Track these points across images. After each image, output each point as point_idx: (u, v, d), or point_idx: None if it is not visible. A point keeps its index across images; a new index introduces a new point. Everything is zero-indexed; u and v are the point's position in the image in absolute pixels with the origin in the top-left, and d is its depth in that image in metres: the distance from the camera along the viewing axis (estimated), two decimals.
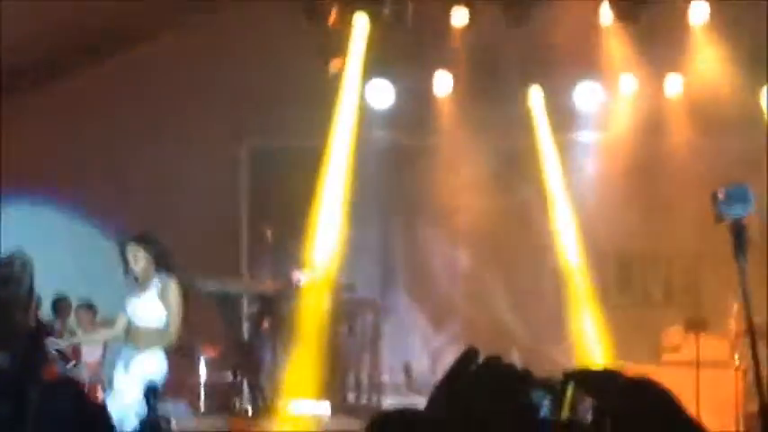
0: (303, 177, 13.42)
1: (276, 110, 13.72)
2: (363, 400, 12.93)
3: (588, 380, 4.46)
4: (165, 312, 8.75)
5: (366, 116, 13.86)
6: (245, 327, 12.92)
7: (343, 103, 13.76)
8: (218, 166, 14.23)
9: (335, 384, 12.63)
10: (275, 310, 12.64)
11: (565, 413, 4.79)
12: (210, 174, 14.11)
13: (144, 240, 8.93)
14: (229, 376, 12.49)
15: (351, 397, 12.92)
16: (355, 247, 13.53)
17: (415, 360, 14.19)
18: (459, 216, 14.27)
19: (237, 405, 12.25)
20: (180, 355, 12.44)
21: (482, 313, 14.32)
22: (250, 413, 12.15)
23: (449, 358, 14.07)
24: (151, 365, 8.73)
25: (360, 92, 13.83)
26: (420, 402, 12.07)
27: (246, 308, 13.11)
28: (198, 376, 12.62)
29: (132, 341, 8.86)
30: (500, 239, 14.22)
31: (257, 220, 14.03)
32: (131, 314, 8.87)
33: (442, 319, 14.56)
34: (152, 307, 8.78)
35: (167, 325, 8.75)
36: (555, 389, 4.85)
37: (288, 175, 13.70)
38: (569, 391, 4.75)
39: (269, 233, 13.19)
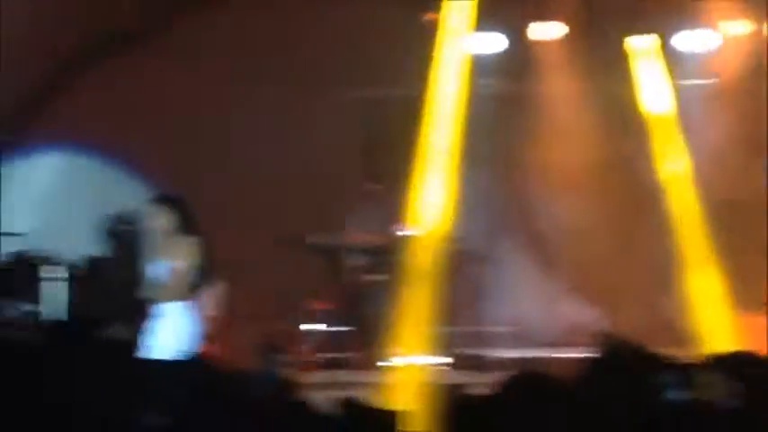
0: (411, 127, 13.38)
1: (384, 58, 13.64)
2: (471, 353, 12.92)
3: (736, 364, 4.42)
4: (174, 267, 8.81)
5: (473, 64, 13.75)
6: (353, 280, 12.94)
7: (449, 50, 13.66)
8: (325, 116, 14.18)
9: (443, 337, 12.64)
10: (383, 262, 12.66)
11: (705, 395, 4.74)
12: (316, 124, 14.08)
13: (165, 201, 9.09)
14: (338, 329, 12.56)
15: (458, 349, 12.91)
16: (462, 198, 13.48)
17: (523, 312, 14.13)
18: (567, 164, 14.12)
19: (346, 358, 12.32)
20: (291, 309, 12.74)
21: (590, 264, 14.19)
22: (359, 366, 12.22)
23: (557, 310, 14.09)
24: (174, 321, 8.81)
25: (466, 39, 13.71)
26: (527, 355, 12.06)
27: (354, 261, 13.13)
28: (307, 329, 12.69)
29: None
30: (610, 188, 14.06)
31: (364, 170, 14.02)
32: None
33: (550, 270, 14.45)
34: (167, 264, 8.83)
35: (172, 279, 8.82)
36: (683, 370, 4.80)
37: (396, 125, 13.67)
38: (708, 375, 4.70)
39: (376, 184, 13.20)
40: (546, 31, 14.02)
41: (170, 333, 8.59)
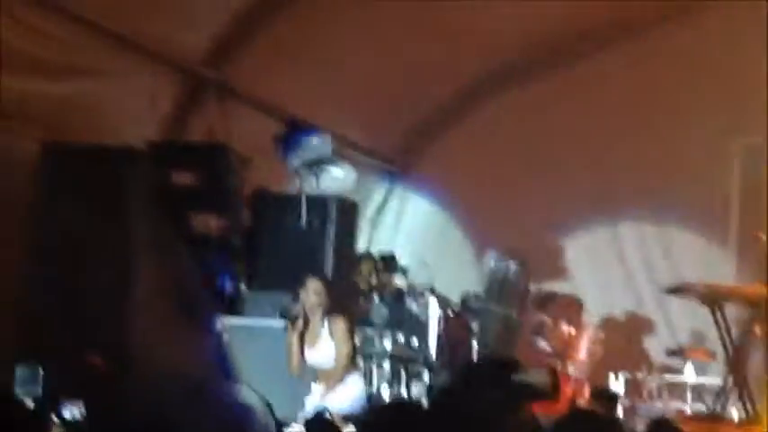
0: None
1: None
2: None
3: None
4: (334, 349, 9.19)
5: None
6: (735, 331, 12.52)
7: None
8: (709, 162, 13.86)
9: None
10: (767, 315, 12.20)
11: None
12: (700, 169, 13.80)
13: (323, 279, 9.17)
14: (717, 381, 12.21)
15: None
16: None
17: None
18: None
19: (724, 410, 11.94)
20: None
21: None
22: (737, 419, 11.82)
23: None
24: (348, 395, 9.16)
25: None
26: None
27: (736, 312, 12.73)
28: (685, 379, 12.44)
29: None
30: None
31: (748, 221, 13.58)
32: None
33: None
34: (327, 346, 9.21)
35: (336, 361, 9.20)
36: None
37: None
38: None
39: (764, 236, 12.75)
40: None
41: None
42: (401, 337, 11.11)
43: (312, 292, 9.19)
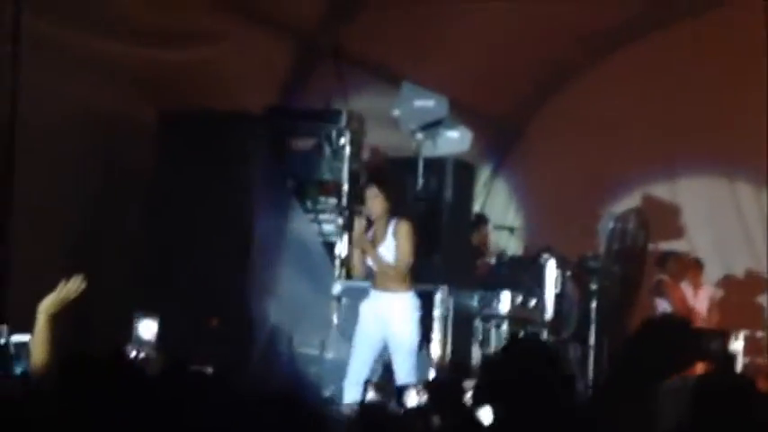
0: None
1: None
2: None
3: None
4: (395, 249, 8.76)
5: None
6: None
7: None
8: None
9: None
10: None
11: None
12: None
13: (380, 181, 8.90)
14: None
15: None
16: None
17: None
18: None
19: None
20: None
21: None
22: None
23: None
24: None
25: None
26: None
27: None
28: None
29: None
30: None
31: None
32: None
33: None
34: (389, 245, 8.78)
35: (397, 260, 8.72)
36: None
37: None
38: None
39: None
40: None
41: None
42: (519, 299, 11.04)
43: (372, 196, 8.97)
